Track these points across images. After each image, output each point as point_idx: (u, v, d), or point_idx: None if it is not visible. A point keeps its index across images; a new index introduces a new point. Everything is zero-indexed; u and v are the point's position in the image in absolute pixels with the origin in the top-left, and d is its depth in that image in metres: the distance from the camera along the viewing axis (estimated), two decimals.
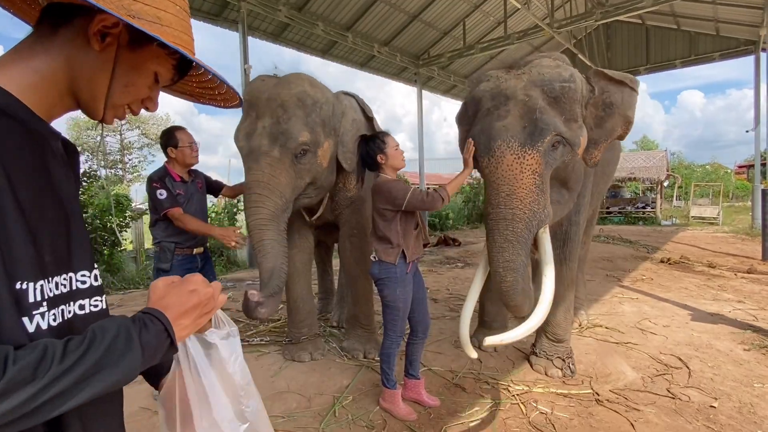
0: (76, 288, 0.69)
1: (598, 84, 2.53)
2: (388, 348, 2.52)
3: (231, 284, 6.39)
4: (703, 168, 28.93)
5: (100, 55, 0.70)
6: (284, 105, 2.70)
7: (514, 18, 12.34)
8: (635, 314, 4.36)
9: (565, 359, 2.98)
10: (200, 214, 2.92)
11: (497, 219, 2.24)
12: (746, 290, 5.38)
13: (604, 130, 2.52)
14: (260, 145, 2.64)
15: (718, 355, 3.31)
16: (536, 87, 2.28)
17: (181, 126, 2.95)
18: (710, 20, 12.16)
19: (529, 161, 2.19)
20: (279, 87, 2.76)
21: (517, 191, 2.19)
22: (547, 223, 2.27)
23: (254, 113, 2.73)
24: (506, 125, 2.24)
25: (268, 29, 9.63)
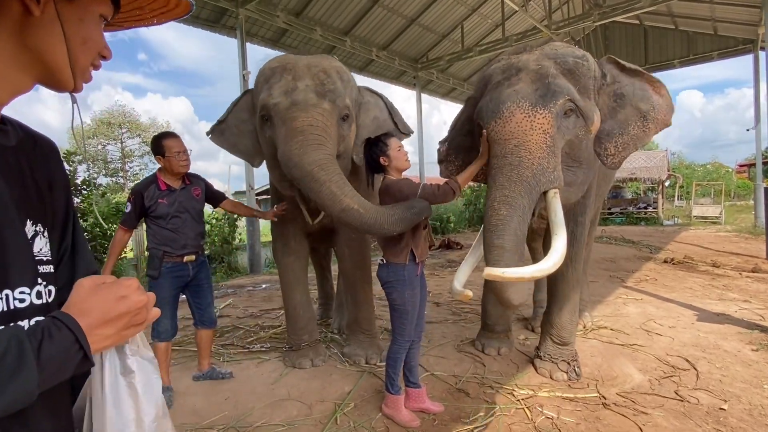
0: (14, 308, 0.61)
1: (610, 72, 2.49)
2: (395, 353, 2.46)
3: (232, 290, 6.35)
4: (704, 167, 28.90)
5: (43, 20, 0.62)
6: (326, 71, 2.65)
7: (512, 20, 12.37)
8: (640, 315, 4.31)
9: (570, 362, 2.93)
10: (193, 223, 2.87)
11: (501, 165, 2.10)
12: (752, 289, 5.32)
13: (617, 121, 2.47)
14: (307, 98, 2.49)
15: (725, 356, 3.26)
16: (549, 59, 2.26)
17: (171, 133, 2.91)
18: (708, 20, 12.16)
19: (540, 120, 2.08)
20: (318, 59, 2.76)
21: (527, 143, 2.07)
22: (557, 185, 2.12)
23: (290, 76, 2.60)
24: (517, 90, 2.17)
25: (267, 35, 9.65)
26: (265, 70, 2.75)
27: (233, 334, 4.07)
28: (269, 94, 2.56)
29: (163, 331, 2.79)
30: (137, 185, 2.85)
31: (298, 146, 2.35)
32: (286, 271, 3.32)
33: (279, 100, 2.51)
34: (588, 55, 2.37)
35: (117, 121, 29.75)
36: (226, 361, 3.40)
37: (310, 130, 2.39)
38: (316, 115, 2.45)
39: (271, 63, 2.78)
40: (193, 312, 3.02)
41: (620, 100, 2.46)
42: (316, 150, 2.35)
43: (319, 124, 2.43)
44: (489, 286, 3.35)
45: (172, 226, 2.79)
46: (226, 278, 7.66)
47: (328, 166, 2.33)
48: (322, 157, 2.34)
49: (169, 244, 2.77)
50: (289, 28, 9.21)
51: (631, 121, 2.47)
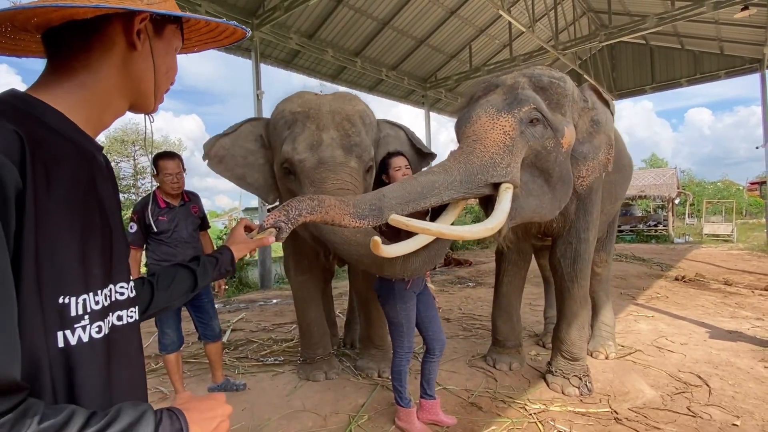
0: (115, 300, 0.71)
1: (590, 97, 2.63)
2: (397, 365, 2.51)
3: (243, 305, 6.43)
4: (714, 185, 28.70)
5: (142, 53, 0.73)
6: (351, 119, 2.61)
7: (519, 41, 12.60)
8: (651, 332, 4.31)
9: (581, 377, 2.95)
10: (191, 239, 2.95)
11: (454, 153, 2.16)
12: (764, 307, 5.29)
13: (593, 146, 2.59)
14: (334, 155, 2.45)
15: (738, 372, 3.25)
16: (525, 77, 2.39)
17: (170, 153, 2.96)
18: (714, 39, 12.29)
19: (502, 122, 2.17)
20: (340, 102, 2.70)
21: (483, 139, 2.14)
22: (509, 180, 2.09)
23: (313, 126, 2.55)
24: (488, 99, 2.31)
25: (280, 56, 9.94)
26: (285, 113, 2.66)
27: (247, 348, 4.14)
28: (293, 148, 2.50)
29: (170, 344, 2.90)
30: (138, 204, 2.94)
31: None
32: (300, 288, 3.36)
33: (305, 156, 2.47)
34: (566, 77, 2.49)
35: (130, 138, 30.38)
36: (241, 373, 3.47)
37: (339, 194, 2.32)
38: (344, 176, 2.42)
39: (291, 105, 2.68)
40: (197, 327, 3.06)
41: (596, 126, 2.60)
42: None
43: (349, 188, 2.41)
44: (497, 301, 3.43)
45: (172, 242, 2.87)
46: (238, 293, 7.74)
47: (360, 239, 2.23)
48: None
49: (169, 260, 2.82)
50: (301, 49, 9.49)
51: (602, 148, 2.63)
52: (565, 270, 2.93)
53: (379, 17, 9.94)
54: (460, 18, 11.10)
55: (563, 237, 2.95)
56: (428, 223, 2.00)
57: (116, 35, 0.71)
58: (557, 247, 2.98)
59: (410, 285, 2.46)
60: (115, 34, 0.71)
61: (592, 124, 2.59)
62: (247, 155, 2.92)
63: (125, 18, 0.70)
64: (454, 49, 12.27)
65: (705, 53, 13.47)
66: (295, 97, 2.76)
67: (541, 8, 10.78)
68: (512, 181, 2.12)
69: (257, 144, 2.93)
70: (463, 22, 11.31)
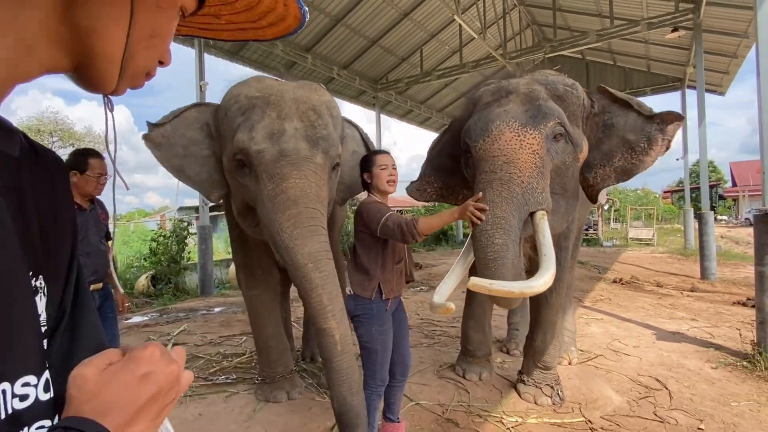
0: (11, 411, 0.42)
1: (599, 101, 2.45)
2: (368, 399, 2.18)
3: (184, 314, 5.88)
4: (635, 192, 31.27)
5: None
6: (317, 109, 2.29)
7: (469, 47, 12.86)
8: (604, 335, 4.44)
9: (553, 386, 2.93)
10: (101, 246, 2.64)
11: (491, 180, 2.02)
12: (695, 308, 5.70)
13: (601, 152, 2.43)
14: (298, 148, 2.11)
15: (690, 374, 3.40)
16: (539, 84, 2.25)
17: (97, 152, 2.64)
18: (643, 58, 13.31)
19: (530, 140, 2.03)
20: (305, 90, 2.37)
21: (516, 161, 2.01)
22: (545, 207, 2.06)
23: (274, 113, 2.20)
24: (507, 110, 2.13)
25: (225, 46, 9.33)
26: (240, 98, 2.29)
27: (193, 365, 3.73)
28: (251, 137, 2.14)
29: None
30: None
31: (291, 225, 1.99)
32: (254, 302, 3.02)
33: (263, 147, 2.11)
34: (577, 84, 2.39)
35: (47, 128, 27.43)
36: (188, 395, 3.08)
37: (304, 201, 2.04)
38: (309, 174, 2.10)
39: (248, 90, 2.31)
40: None
41: (608, 131, 2.43)
42: (312, 237, 2.01)
43: (313, 190, 2.09)
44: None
45: (83, 250, 2.48)
46: (175, 301, 7.11)
47: (324, 264, 2.00)
48: (319, 249, 2.01)
49: None
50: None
51: (616, 153, 2.41)
52: None
53: (332, 13, 9.66)
54: (413, 21, 11.10)
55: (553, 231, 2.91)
56: (510, 284, 1.89)
57: None
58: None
59: (390, 304, 2.26)
60: None
61: (603, 128, 2.43)
62: (188, 145, 2.53)
63: None
64: (405, 51, 12.26)
65: (634, 70, 14.57)
66: (253, 81, 2.38)
67: (492, 16, 11.06)
68: (547, 208, 2.05)
69: (202, 133, 2.55)
70: (416, 25, 11.32)
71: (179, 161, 2.52)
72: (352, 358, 1.99)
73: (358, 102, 13.54)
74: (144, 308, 6.54)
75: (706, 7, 8.47)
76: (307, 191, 2.06)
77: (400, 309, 2.43)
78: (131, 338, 4.62)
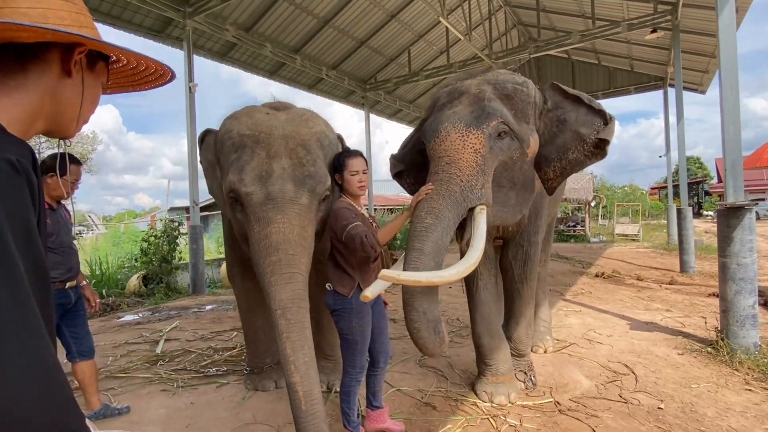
0: None
1: (552, 98, 2.56)
2: (347, 385, 2.37)
3: (176, 312, 6.01)
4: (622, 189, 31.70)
5: (74, 81, 0.76)
6: (306, 145, 2.32)
7: (455, 48, 13.06)
8: (581, 326, 4.65)
9: (526, 372, 3.11)
10: (72, 245, 2.74)
11: (434, 180, 2.18)
12: (671, 300, 5.93)
13: (556, 146, 2.54)
14: (284, 190, 2.17)
15: (657, 360, 3.61)
16: (489, 84, 2.38)
17: (77, 159, 2.75)
18: (626, 57, 13.61)
19: (472, 140, 2.19)
20: (295, 124, 2.39)
21: (458, 161, 2.17)
22: (483, 202, 2.17)
23: (263, 152, 2.25)
24: (455, 111, 2.29)
25: (215, 48, 9.44)
26: (233, 135, 2.35)
27: (185, 359, 3.86)
28: (240, 179, 2.21)
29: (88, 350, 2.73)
30: None
31: (270, 271, 2.08)
32: (245, 295, 3.12)
33: (252, 190, 2.18)
34: (529, 82, 2.49)
35: None
36: (180, 386, 3.22)
37: (284, 248, 2.10)
38: (293, 217, 2.15)
39: (239, 126, 2.35)
40: (69, 344, 2.68)
41: (561, 126, 2.55)
42: (286, 285, 2.07)
43: (295, 234, 2.14)
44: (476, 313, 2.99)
45: (58, 249, 2.59)
46: (167, 300, 7.21)
47: (291, 313, 2.02)
48: (290, 297, 2.05)
49: (55, 268, 2.54)
50: (238, 42, 9.08)
51: (571, 146, 2.53)
52: (515, 272, 3.03)
53: (320, 15, 9.79)
54: (400, 22, 11.27)
55: (515, 240, 3.01)
56: (419, 274, 1.94)
57: (53, 62, 0.73)
58: (509, 249, 3.06)
59: None
60: (52, 61, 0.73)
61: (557, 123, 2.54)
62: (208, 167, 2.75)
63: (64, 47, 0.73)
64: (393, 52, 12.43)
65: (618, 69, 14.87)
66: (243, 116, 2.43)
67: (477, 17, 11.25)
68: (486, 202, 2.17)
69: (214, 158, 2.67)
70: (403, 26, 11.49)
71: (209, 181, 2.82)
72: (319, 421, 1.89)
73: (347, 102, 13.68)
74: (136, 307, 6.64)
75: (683, 9, 8.73)
76: (289, 237, 2.12)
77: (379, 302, 2.53)
78: (124, 335, 4.73)
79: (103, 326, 5.17)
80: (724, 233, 3.71)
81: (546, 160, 2.55)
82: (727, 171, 3.78)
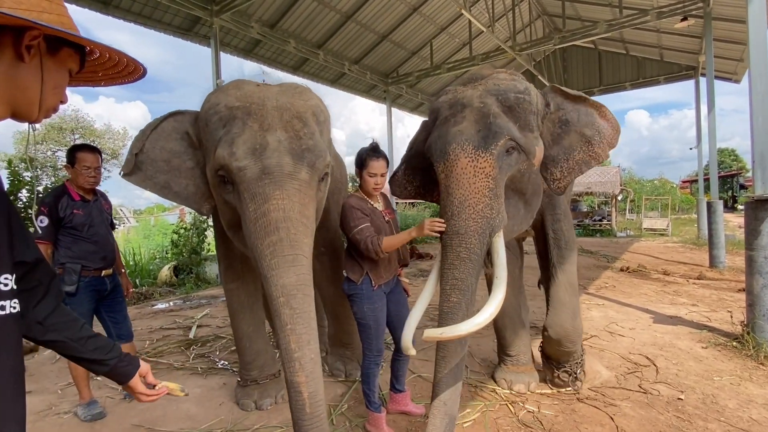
0: None
1: (554, 100, 2.56)
2: (367, 368, 2.49)
3: (205, 301, 6.27)
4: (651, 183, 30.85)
5: (30, 66, 0.79)
6: (302, 117, 2.12)
7: (478, 40, 12.95)
8: (603, 318, 4.64)
9: (571, 371, 2.94)
10: (108, 235, 2.84)
11: (450, 234, 2.16)
12: (698, 295, 5.82)
13: (562, 147, 2.54)
14: (281, 164, 1.95)
15: (680, 353, 3.59)
16: (491, 95, 2.31)
17: (90, 146, 2.81)
18: (655, 47, 13.21)
19: (482, 164, 2.15)
20: (288, 95, 2.19)
21: (469, 198, 2.13)
22: (500, 229, 2.17)
23: (256, 125, 2.03)
24: (461, 129, 2.23)
25: (240, 45, 9.66)
26: (220, 108, 2.11)
27: (215, 344, 4.07)
28: (231, 153, 1.97)
29: None
30: (46, 196, 2.72)
31: (270, 253, 1.83)
32: (230, 297, 2.90)
33: (245, 164, 1.95)
34: (530, 87, 2.43)
35: (69, 126, 28.31)
36: (210, 368, 3.41)
37: (285, 227, 1.87)
38: (292, 193, 1.94)
39: (228, 98, 2.12)
40: (108, 327, 2.84)
41: (565, 127, 2.54)
42: (290, 269, 1.82)
43: (296, 212, 1.92)
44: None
45: (92, 238, 2.72)
46: (196, 289, 7.52)
47: (296, 300, 1.78)
48: (294, 283, 1.80)
49: (88, 258, 2.68)
50: (263, 39, 9.27)
51: (576, 147, 2.54)
52: (549, 258, 2.93)
53: (342, 10, 9.89)
54: (422, 15, 11.25)
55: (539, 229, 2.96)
56: (458, 327, 1.95)
57: (6, 45, 0.75)
58: (538, 238, 3.02)
59: (378, 286, 2.45)
60: (5, 44, 0.75)
61: (560, 125, 2.54)
62: (170, 158, 2.37)
63: (16, 31, 0.75)
64: (415, 45, 12.42)
65: (647, 59, 14.44)
66: (231, 88, 2.19)
67: (500, 9, 11.13)
68: (503, 225, 2.17)
69: (183, 143, 2.39)
70: (425, 19, 11.47)
71: (164, 177, 2.37)
72: (323, 423, 1.73)
73: (369, 96, 13.77)
74: (167, 296, 6.95)
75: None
76: (290, 214, 1.89)
77: (397, 290, 2.61)
78: (159, 320, 5.00)
79: (138, 313, 5.47)
80: (752, 226, 3.65)
81: (553, 161, 2.54)
82: (755, 162, 3.71)
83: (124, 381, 1.13)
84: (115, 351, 1.10)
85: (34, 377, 3.45)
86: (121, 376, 1.12)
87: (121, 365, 1.11)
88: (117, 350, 1.11)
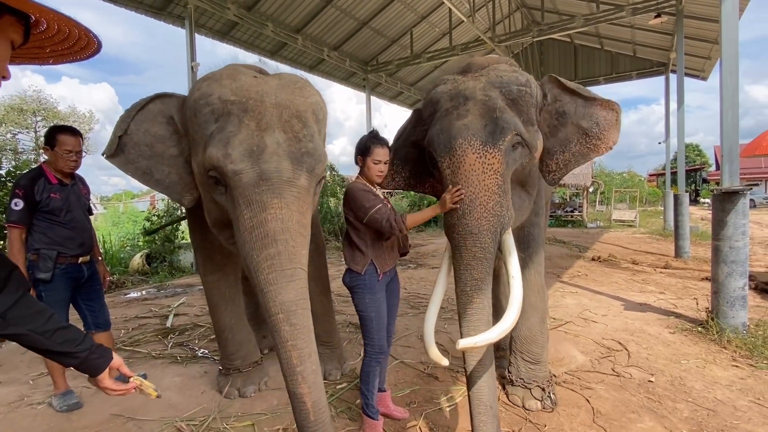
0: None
1: (551, 91, 2.52)
2: (367, 366, 2.34)
3: (181, 290, 6.14)
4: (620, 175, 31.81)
5: None
6: (302, 116, 2.00)
7: (458, 30, 12.95)
8: (577, 306, 4.80)
9: (545, 388, 2.69)
10: (86, 221, 2.76)
11: (464, 234, 2.11)
12: (665, 283, 6.09)
13: (558, 139, 2.51)
14: (280, 169, 1.84)
15: (649, 338, 3.76)
16: (495, 88, 2.25)
17: (72, 128, 2.69)
18: (629, 42, 13.53)
19: (491, 160, 2.11)
20: (289, 91, 2.04)
21: (480, 196, 2.10)
22: (510, 226, 2.18)
23: (253, 123, 1.91)
24: (467, 124, 2.16)
25: (216, 27, 9.36)
26: (212, 100, 1.97)
27: (194, 332, 4.00)
28: (226, 155, 1.85)
29: None
30: (22, 178, 2.57)
31: (268, 267, 1.74)
32: (210, 290, 2.83)
33: (241, 167, 1.82)
34: (531, 79, 2.40)
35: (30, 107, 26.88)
36: (190, 357, 3.36)
37: (284, 239, 1.77)
38: (291, 202, 1.84)
39: (222, 90, 1.97)
40: (85, 316, 2.77)
41: (561, 118, 2.45)
42: (289, 284, 1.74)
43: (295, 221, 1.82)
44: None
45: (69, 224, 2.62)
46: (170, 278, 7.35)
47: (296, 317, 1.71)
48: (293, 299, 1.73)
49: (65, 244, 2.59)
50: (239, 21, 9.00)
51: (573, 139, 2.50)
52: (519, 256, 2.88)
53: None
54: (403, 2, 11.15)
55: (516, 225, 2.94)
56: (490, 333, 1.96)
57: None
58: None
59: (383, 276, 2.35)
60: None
61: (556, 116, 2.50)
62: (153, 143, 2.26)
63: None
64: (395, 33, 12.32)
65: (621, 54, 14.79)
66: (226, 78, 2.02)
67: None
68: (511, 223, 2.15)
69: (168, 128, 2.28)
70: (406, 7, 11.38)
71: (146, 162, 2.26)
72: (328, 428, 1.72)
73: (348, 84, 13.61)
74: (140, 285, 6.77)
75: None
76: (288, 225, 1.80)
77: (394, 281, 2.54)
78: (134, 309, 4.87)
79: (111, 302, 5.30)
80: (718, 217, 3.82)
81: (549, 153, 2.51)
82: (723, 156, 3.87)
83: (94, 374, 1.09)
84: (86, 343, 1.05)
85: (4, 368, 3.33)
86: (92, 369, 1.07)
87: (92, 357, 1.06)
88: (88, 342, 1.06)
